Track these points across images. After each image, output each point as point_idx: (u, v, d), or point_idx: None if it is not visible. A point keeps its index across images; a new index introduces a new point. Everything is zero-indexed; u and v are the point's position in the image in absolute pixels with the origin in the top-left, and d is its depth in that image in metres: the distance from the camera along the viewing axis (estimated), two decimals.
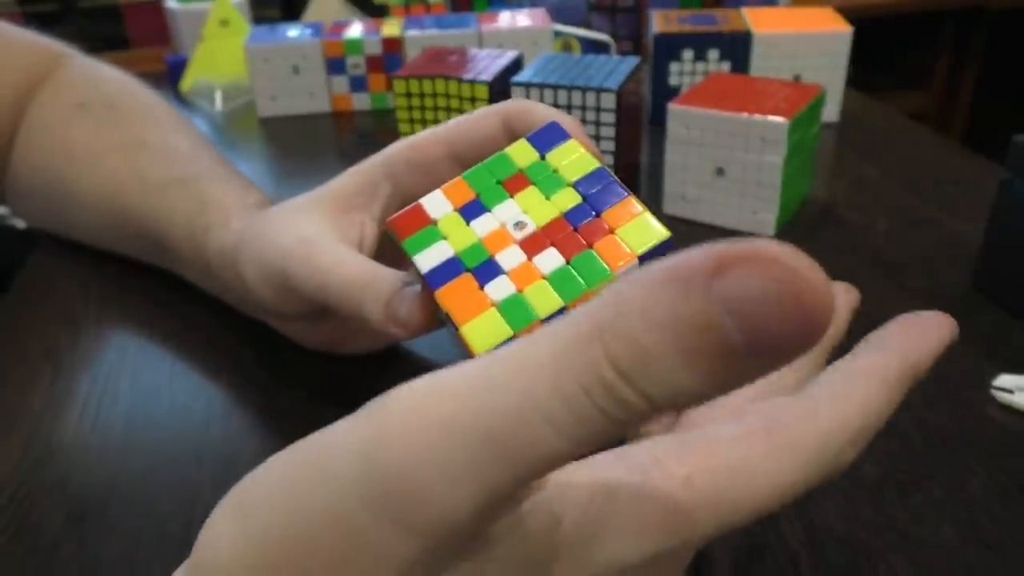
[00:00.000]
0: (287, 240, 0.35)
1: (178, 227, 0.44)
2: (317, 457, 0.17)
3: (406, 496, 0.15)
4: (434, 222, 0.28)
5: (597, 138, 0.57)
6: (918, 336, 0.24)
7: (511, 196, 0.28)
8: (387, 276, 0.31)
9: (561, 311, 0.25)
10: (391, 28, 0.76)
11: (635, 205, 0.26)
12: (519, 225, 0.27)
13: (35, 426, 0.40)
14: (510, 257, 0.26)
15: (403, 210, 0.29)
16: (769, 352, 0.14)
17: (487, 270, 0.26)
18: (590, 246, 0.26)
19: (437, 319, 0.29)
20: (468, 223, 0.28)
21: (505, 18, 0.78)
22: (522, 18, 0.78)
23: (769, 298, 0.13)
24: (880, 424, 0.21)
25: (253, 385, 0.42)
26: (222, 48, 0.83)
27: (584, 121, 0.56)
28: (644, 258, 0.25)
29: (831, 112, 0.70)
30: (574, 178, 0.28)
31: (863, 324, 0.45)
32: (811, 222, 0.56)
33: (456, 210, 0.28)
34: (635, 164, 0.64)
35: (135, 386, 0.42)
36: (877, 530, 0.32)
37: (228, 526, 0.17)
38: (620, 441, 0.20)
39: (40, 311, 0.49)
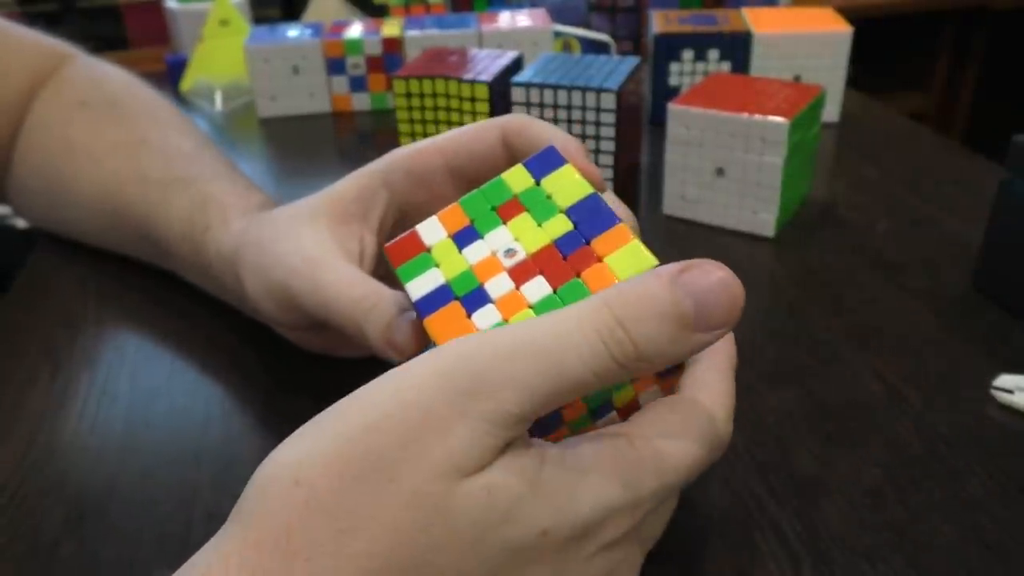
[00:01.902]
0: (291, 258, 0.35)
1: (177, 227, 0.44)
2: (389, 378, 0.23)
3: (477, 392, 0.22)
4: (428, 249, 0.28)
5: (597, 138, 0.57)
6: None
7: (504, 223, 0.28)
8: (388, 300, 0.32)
9: None
10: (391, 28, 0.76)
11: (626, 232, 0.26)
12: (509, 252, 0.27)
13: (35, 426, 0.40)
14: (499, 286, 0.26)
15: (399, 237, 0.29)
16: (706, 325, 0.22)
17: (475, 298, 0.26)
18: (578, 274, 0.26)
19: (429, 344, 0.29)
20: (461, 250, 0.28)
21: (505, 18, 0.78)
22: (522, 18, 0.78)
23: (712, 286, 0.22)
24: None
25: (253, 385, 0.42)
26: (222, 48, 0.83)
27: (584, 121, 0.56)
28: None
29: (831, 112, 0.70)
30: (567, 204, 0.28)
31: (863, 324, 0.45)
32: (811, 222, 0.56)
33: (450, 236, 0.28)
34: (635, 164, 0.64)
35: (134, 386, 0.42)
36: (877, 530, 0.32)
37: (294, 440, 0.23)
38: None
39: (40, 311, 0.49)
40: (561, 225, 0.27)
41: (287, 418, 0.39)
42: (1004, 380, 0.39)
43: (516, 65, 0.61)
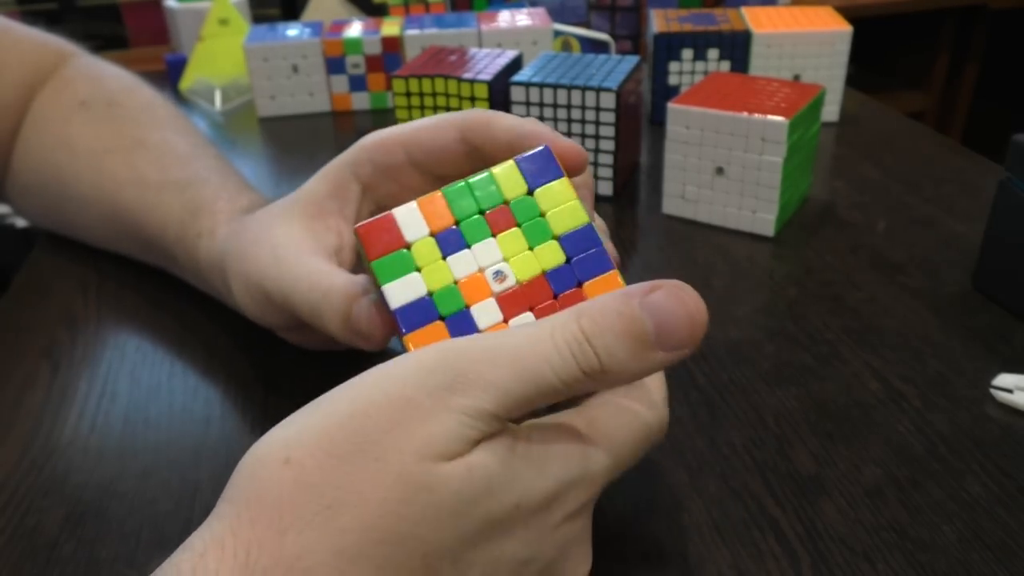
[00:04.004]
0: (263, 256, 0.35)
1: (172, 230, 0.45)
2: (374, 372, 0.24)
3: (458, 389, 0.23)
4: (408, 245, 0.27)
5: (597, 138, 0.57)
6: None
7: (493, 235, 0.28)
8: (340, 288, 0.32)
9: None
10: (391, 27, 0.76)
11: (617, 279, 0.27)
12: (499, 276, 0.27)
13: (34, 426, 0.40)
14: (486, 313, 0.27)
15: (373, 219, 0.28)
16: (667, 345, 0.24)
17: (461, 322, 0.26)
18: None
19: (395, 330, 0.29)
20: (445, 257, 0.27)
21: (505, 18, 0.78)
22: (522, 18, 0.78)
23: (673, 309, 0.24)
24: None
25: (252, 385, 0.42)
26: (221, 47, 0.83)
27: (584, 121, 0.56)
28: None
29: (831, 112, 0.70)
30: (561, 231, 0.28)
31: (863, 324, 0.45)
32: (811, 222, 0.56)
33: (432, 235, 0.28)
34: (635, 164, 0.64)
35: (134, 386, 0.42)
36: (877, 530, 0.32)
37: (283, 424, 0.24)
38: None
39: (39, 311, 0.49)
40: (554, 255, 0.27)
41: (286, 417, 0.40)
42: (1003, 379, 0.39)
43: (516, 64, 0.61)
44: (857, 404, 0.39)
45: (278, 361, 0.43)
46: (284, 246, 0.35)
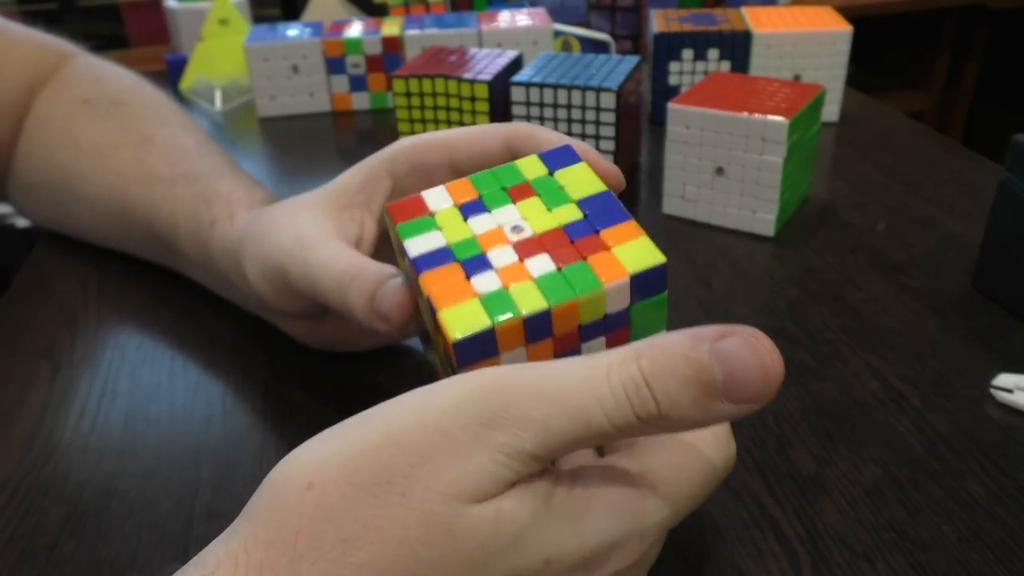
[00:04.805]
0: (285, 239, 0.35)
1: (184, 222, 0.44)
2: (415, 396, 0.23)
3: (498, 425, 0.22)
4: (432, 214, 0.28)
5: (597, 138, 0.57)
6: None
7: (513, 202, 0.28)
8: (372, 270, 0.32)
9: (545, 314, 0.24)
10: (391, 27, 0.76)
11: (636, 228, 0.26)
12: (516, 229, 0.27)
13: (35, 426, 0.40)
14: (502, 256, 0.26)
15: (404, 199, 0.29)
16: (735, 397, 0.21)
17: (476, 264, 0.26)
18: (584, 258, 0.25)
19: (419, 314, 0.29)
20: (466, 219, 0.28)
21: (505, 18, 0.78)
22: (522, 18, 0.78)
23: (746, 359, 0.21)
24: None
25: (253, 385, 0.42)
26: (221, 47, 0.83)
27: (584, 120, 0.56)
28: (636, 279, 0.25)
29: (831, 112, 0.70)
30: (579, 196, 0.28)
31: (863, 324, 0.45)
32: (811, 222, 0.56)
33: (456, 206, 0.28)
34: (635, 164, 0.64)
35: (135, 385, 0.42)
36: (877, 530, 0.32)
37: (313, 443, 0.23)
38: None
39: (39, 310, 0.49)
40: (571, 213, 0.27)
41: (287, 418, 0.40)
42: (1003, 379, 0.39)
43: (516, 64, 0.61)
44: (857, 404, 0.39)
45: (280, 360, 0.43)
46: (308, 230, 0.35)
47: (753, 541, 0.32)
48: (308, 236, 0.35)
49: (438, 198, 0.28)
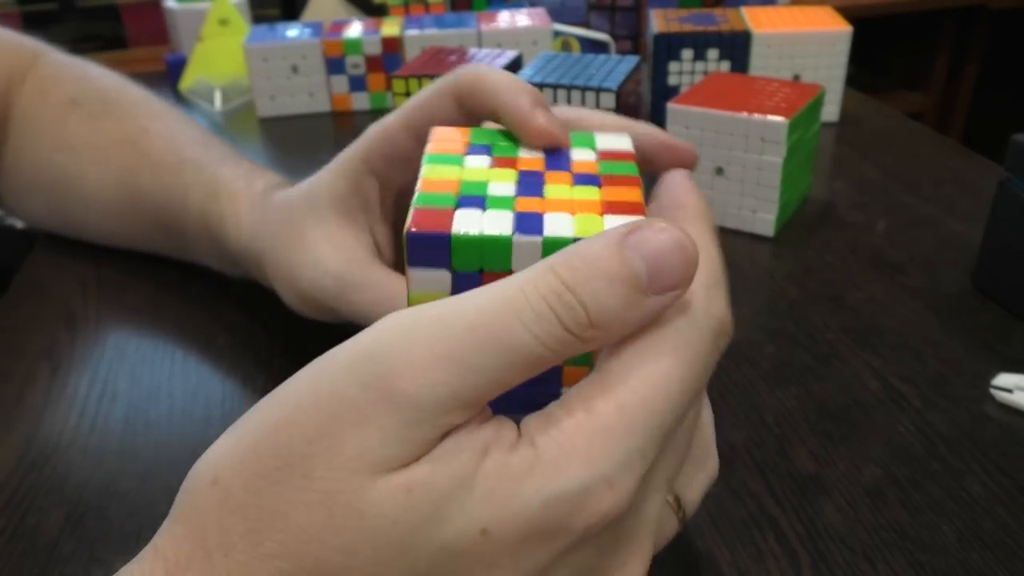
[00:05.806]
0: (316, 273, 0.36)
1: (193, 207, 0.45)
2: (308, 367, 0.20)
3: (400, 375, 0.19)
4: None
5: None
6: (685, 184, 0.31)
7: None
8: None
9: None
10: (390, 28, 0.76)
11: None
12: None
13: (34, 426, 0.40)
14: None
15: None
16: (661, 286, 0.20)
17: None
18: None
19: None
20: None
21: (505, 18, 0.78)
22: (522, 18, 0.78)
23: (663, 244, 0.20)
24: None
25: (252, 386, 0.42)
26: (221, 48, 0.83)
27: None
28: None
29: (831, 112, 0.70)
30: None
31: (863, 324, 0.45)
32: (811, 222, 0.56)
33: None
34: None
35: (134, 386, 0.42)
36: (877, 530, 0.32)
37: (220, 439, 0.21)
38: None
39: (38, 310, 0.49)
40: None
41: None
42: (1003, 379, 0.39)
43: (515, 64, 0.61)
44: (857, 404, 0.39)
45: (279, 361, 0.43)
46: (337, 265, 0.35)
47: (753, 541, 0.32)
48: (340, 273, 0.35)
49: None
